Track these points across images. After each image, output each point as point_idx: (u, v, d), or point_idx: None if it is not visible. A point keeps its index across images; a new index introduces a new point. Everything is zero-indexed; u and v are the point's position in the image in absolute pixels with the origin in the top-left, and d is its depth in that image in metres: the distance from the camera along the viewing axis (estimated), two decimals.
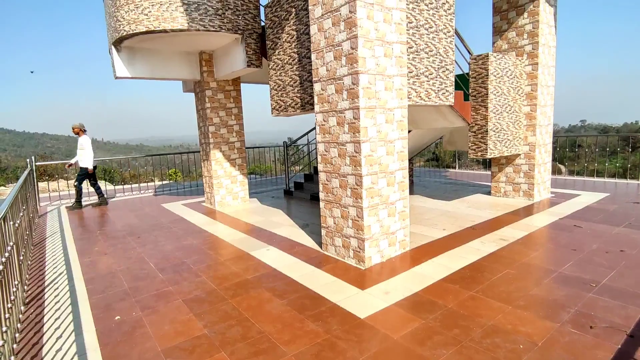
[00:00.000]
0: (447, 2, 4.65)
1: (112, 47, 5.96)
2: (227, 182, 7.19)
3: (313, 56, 4.05)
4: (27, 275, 3.89)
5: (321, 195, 4.23)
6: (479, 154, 5.70)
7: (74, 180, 8.05)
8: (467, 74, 6.36)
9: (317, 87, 4.07)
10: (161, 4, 5.27)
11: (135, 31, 5.39)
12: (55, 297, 3.35)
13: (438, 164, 13.70)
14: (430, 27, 4.46)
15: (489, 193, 7.15)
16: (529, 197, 6.34)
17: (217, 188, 7.09)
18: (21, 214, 4.13)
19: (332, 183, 4.03)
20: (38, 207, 7.84)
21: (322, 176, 4.18)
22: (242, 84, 7.38)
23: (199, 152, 7.76)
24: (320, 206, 4.27)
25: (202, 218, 6.33)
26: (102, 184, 14.65)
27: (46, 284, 3.69)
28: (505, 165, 6.61)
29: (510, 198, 6.58)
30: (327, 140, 4.03)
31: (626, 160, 10.91)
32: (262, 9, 6.08)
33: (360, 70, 3.53)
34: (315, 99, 4.10)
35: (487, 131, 5.58)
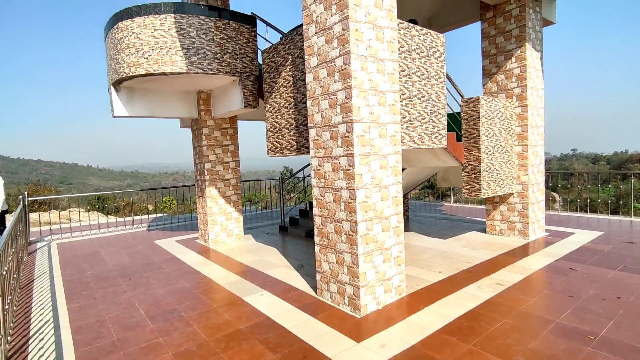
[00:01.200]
0: (437, 50, 4.84)
1: (112, 87, 6.07)
2: (221, 219, 7.15)
3: (309, 103, 4.14)
4: (11, 324, 3.77)
5: (316, 239, 4.21)
6: (473, 193, 5.75)
7: None
8: (458, 113, 6.52)
9: (312, 132, 4.14)
10: (161, 48, 5.42)
11: (134, 74, 5.51)
12: (40, 349, 3.23)
13: (433, 192, 13.77)
14: (422, 74, 4.61)
15: (484, 230, 7.15)
16: (524, 236, 6.35)
17: (211, 225, 7.03)
18: (9, 258, 4.05)
19: (327, 228, 4.02)
20: (28, 243, 7.70)
21: (317, 220, 4.17)
22: (238, 121, 7.49)
23: (194, 185, 7.76)
24: (316, 250, 4.24)
25: (195, 257, 6.24)
26: (94, 215, 14.50)
27: (31, 333, 3.57)
28: (500, 203, 6.66)
29: (505, 237, 6.58)
30: (322, 185, 4.05)
31: (618, 189, 11.03)
32: (259, 53, 6.29)
33: (354, 119, 3.61)
34: (311, 144, 4.17)
35: (480, 172, 5.66)
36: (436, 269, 5.01)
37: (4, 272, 3.41)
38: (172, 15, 5.45)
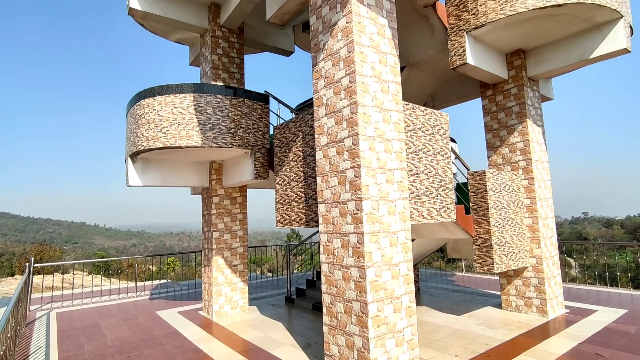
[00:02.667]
0: (442, 127, 5.05)
1: (129, 158, 6.33)
2: (226, 290, 6.96)
3: (318, 179, 4.25)
4: None
5: (325, 318, 4.04)
6: (486, 268, 5.59)
7: None
8: (465, 184, 6.59)
9: (321, 207, 4.18)
10: (179, 124, 5.74)
11: (152, 147, 5.78)
12: None
13: (443, 256, 13.40)
14: (428, 151, 4.76)
15: (499, 305, 6.82)
16: (543, 314, 6.03)
17: (215, 297, 6.83)
18: (8, 334, 3.92)
19: (337, 307, 3.88)
20: (27, 312, 7.49)
21: (326, 298, 4.05)
22: (247, 189, 7.63)
23: (200, 251, 7.68)
24: (324, 330, 4.05)
25: (197, 332, 5.97)
26: (97, 278, 14.23)
27: None
28: (514, 277, 6.43)
29: (522, 313, 6.25)
30: (331, 262, 4.00)
31: (636, 254, 10.63)
32: (271, 126, 6.63)
33: (363, 197, 3.66)
34: (320, 219, 4.19)
35: (491, 245, 5.56)
36: (452, 351, 4.70)
37: (1, 352, 3.28)
38: (192, 94, 5.85)
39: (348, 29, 3.92)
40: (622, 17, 5.45)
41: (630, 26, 5.68)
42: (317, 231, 7.64)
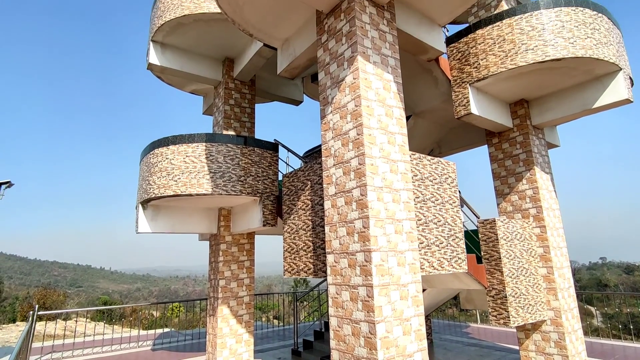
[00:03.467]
0: (449, 176, 5.08)
1: (139, 205, 6.42)
2: (231, 342, 6.71)
3: (326, 229, 4.24)
4: None
5: None
6: (502, 321, 5.35)
7: None
8: (474, 231, 6.49)
9: (330, 258, 4.13)
10: (190, 172, 5.88)
11: (163, 194, 5.88)
12: None
13: (456, 303, 12.85)
14: (436, 200, 4.76)
15: None
16: None
17: (220, 349, 6.57)
18: None
19: None
20: None
21: (335, 355, 3.88)
22: (255, 235, 7.60)
23: (205, 299, 7.51)
24: None
25: None
26: (99, 325, 13.86)
27: None
28: (532, 331, 6.12)
29: None
30: (340, 315, 3.88)
31: None
32: (280, 174, 6.74)
33: (372, 248, 3.62)
34: (329, 270, 4.12)
35: (506, 296, 5.36)
36: None
37: None
38: (204, 143, 6.04)
39: (355, 84, 4.10)
40: (621, 69, 5.62)
41: (630, 78, 5.83)
42: (324, 280, 7.46)
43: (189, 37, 7.16)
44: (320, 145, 7.47)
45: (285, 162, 6.92)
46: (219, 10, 6.14)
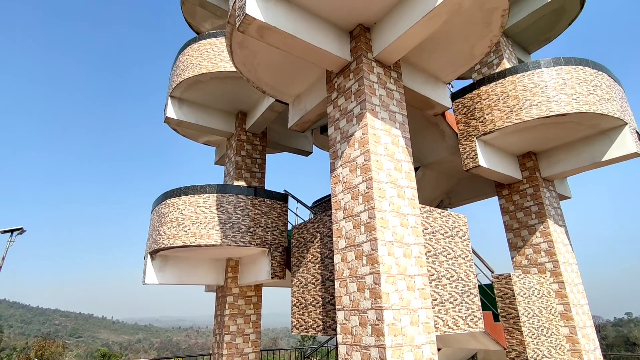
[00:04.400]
0: (460, 229, 5.01)
1: (148, 255, 6.40)
2: None
3: (336, 284, 4.14)
4: None
5: None
6: None
7: None
8: (489, 285, 6.26)
9: (340, 315, 3.99)
10: (200, 223, 5.91)
11: (172, 245, 5.87)
12: None
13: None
14: (448, 254, 4.66)
15: None
16: None
17: None
18: None
19: None
20: None
21: None
22: (263, 287, 7.42)
23: (209, 354, 7.17)
24: None
25: None
26: None
27: None
28: None
29: None
30: None
31: None
32: (289, 225, 6.73)
33: (384, 306, 3.51)
34: (339, 328, 3.97)
35: (527, 359, 5.03)
36: None
37: None
38: (215, 194, 6.13)
39: (364, 139, 4.21)
40: (627, 123, 5.71)
41: (637, 132, 5.89)
42: (331, 338, 7.12)
43: (205, 92, 7.55)
44: (329, 195, 7.51)
45: (295, 213, 6.94)
46: (234, 69, 6.53)
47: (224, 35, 6.50)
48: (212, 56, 6.98)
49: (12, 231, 14.83)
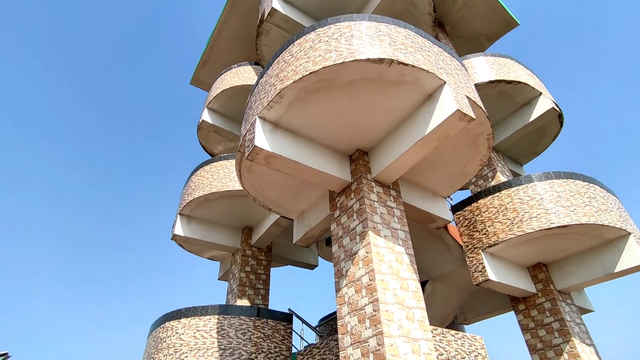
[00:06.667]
0: (479, 353, 4.62)
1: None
2: None
3: None
4: None
5: None
6: None
7: None
8: None
9: None
10: (199, 349, 5.54)
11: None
12: None
13: None
14: None
15: None
16: None
17: None
18: None
19: None
20: None
21: None
22: None
23: None
24: None
25: None
26: None
27: None
28: None
29: None
30: None
31: None
32: (294, 348, 6.25)
33: None
34: None
35: None
36: None
37: None
38: (216, 316, 5.86)
39: (368, 258, 4.22)
40: (630, 233, 5.71)
41: None
42: None
43: (213, 209, 7.85)
44: (335, 313, 7.13)
45: (300, 336, 6.50)
46: (242, 188, 6.92)
47: (234, 158, 7.08)
48: (222, 177, 7.46)
49: None
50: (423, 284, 7.54)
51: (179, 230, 7.65)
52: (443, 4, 9.69)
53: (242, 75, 9.54)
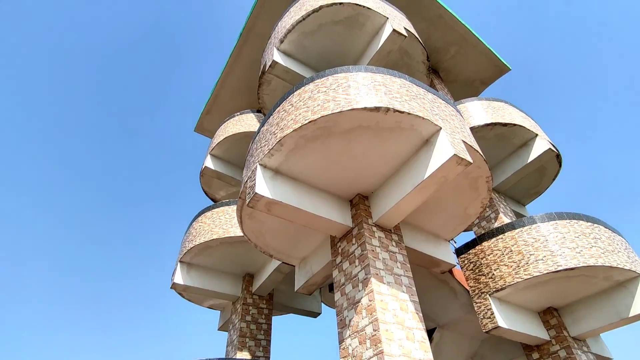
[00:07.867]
0: None
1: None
2: None
3: None
4: None
5: None
6: None
7: None
8: None
9: None
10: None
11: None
12: None
13: None
14: None
15: None
16: None
17: None
18: None
19: None
20: None
21: None
22: None
23: None
24: None
25: None
26: None
27: None
28: None
29: None
30: None
31: None
32: None
33: None
34: None
35: None
36: None
37: None
38: None
39: (371, 306, 4.09)
40: (639, 275, 5.56)
41: None
42: None
43: (214, 257, 7.74)
44: None
45: None
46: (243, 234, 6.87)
47: (236, 203, 7.10)
48: (223, 223, 7.44)
49: None
50: (430, 332, 7.22)
51: (179, 278, 7.50)
52: (436, 53, 10.18)
53: (245, 122, 9.84)
